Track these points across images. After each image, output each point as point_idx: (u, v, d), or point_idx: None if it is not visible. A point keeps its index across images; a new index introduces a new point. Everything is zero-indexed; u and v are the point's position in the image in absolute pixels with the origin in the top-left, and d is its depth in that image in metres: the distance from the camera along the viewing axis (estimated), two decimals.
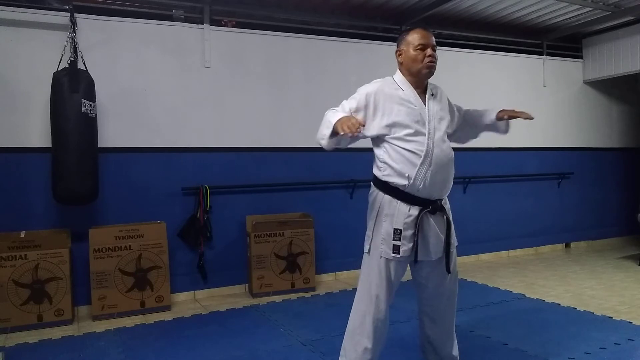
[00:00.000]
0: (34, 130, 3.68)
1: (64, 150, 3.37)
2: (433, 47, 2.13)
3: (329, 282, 4.65)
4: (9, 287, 3.39)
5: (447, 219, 2.19)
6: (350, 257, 4.67)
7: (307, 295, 4.20)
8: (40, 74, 3.61)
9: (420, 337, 2.46)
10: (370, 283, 2.16)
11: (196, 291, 4.22)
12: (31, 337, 3.28)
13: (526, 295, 4.00)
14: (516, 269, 5.05)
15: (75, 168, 3.39)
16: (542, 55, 5.92)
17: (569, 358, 2.72)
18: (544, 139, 5.87)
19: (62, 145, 3.37)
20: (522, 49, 5.82)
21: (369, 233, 2.19)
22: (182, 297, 4.14)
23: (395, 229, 2.11)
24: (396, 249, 2.10)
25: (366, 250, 2.20)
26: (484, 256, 5.57)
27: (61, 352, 2.99)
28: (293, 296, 4.15)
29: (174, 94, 4.13)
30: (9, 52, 3.63)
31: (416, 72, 2.14)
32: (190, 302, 4.08)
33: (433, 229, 2.15)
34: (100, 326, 3.48)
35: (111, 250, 3.66)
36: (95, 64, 3.72)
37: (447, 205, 2.24)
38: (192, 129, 4.20)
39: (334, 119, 2.02)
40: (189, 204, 4.16)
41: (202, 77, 4.23)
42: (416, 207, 2.11)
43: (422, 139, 2.08)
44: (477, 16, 5.15)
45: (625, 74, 5.76)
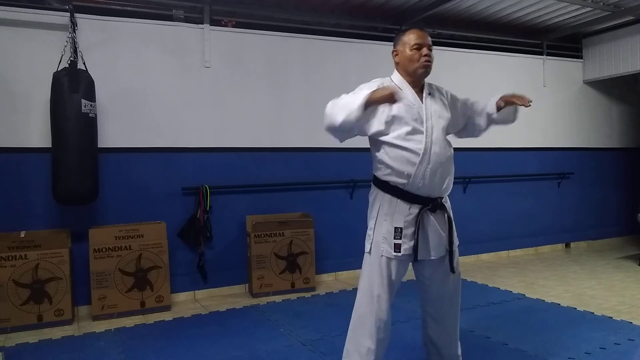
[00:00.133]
0: (34, 130, 3.68)
1: (64, 150, 3.37)
2: (429, 47, 2.14)
3: (329, 282, 4.65)
4: (9, 287, 3.39)
5: (448, 217, 2.20)
6: (350, 257, 4.67)
7: (307, 295, 4.20)
8: (40, 74, 3.61)
9: (423, 337, 2.46)
10: (372, 283, 2.15)
11: (196, 291, 4.22)
12: (31, 337, 3.28)
13: (526, 295, 4.00)
14: (516, 269, 5.05)
15: (75, 168, 3.39)
16: (542, 55, 5.92)
17: (569, 358, 2.72)
18: (544, 139, 5.87)
19: (62, 145, 3.37)
20: (522, 49, 5.82)
21: (369, 232, 2.19)
22: (182, 297, 4.14)
23: (395, 228, 2.11)
24: (397, 247, 2.10)
25: (367, 250, 2.19)
26: (484, 256, 5.57)
27: (61, 352, 2.99)
28: (293, 296, 4.15)
29: (174, 94, 4.13)
30: (9, 52, 3.64)
31: (412, 72, 2.15)
32: (190, 302, 4.08)
33: (434, 227, 2.15)
34: (100, 326, 3.48)
35: (111, 250, 3.66)
36: (95, 64, 3.72)
37: (448, 203, 2.24)
38: (192, 129, 4.20)
39: (357, 97, 1.95)
40: (189, 204, 4.16)
41: (202, 77, 4.23)
42: (416, 205, 2.11)
43: (420, 137, 2.09)
44: (477, 16, 5.15)
45: (625, 74, 5.77)
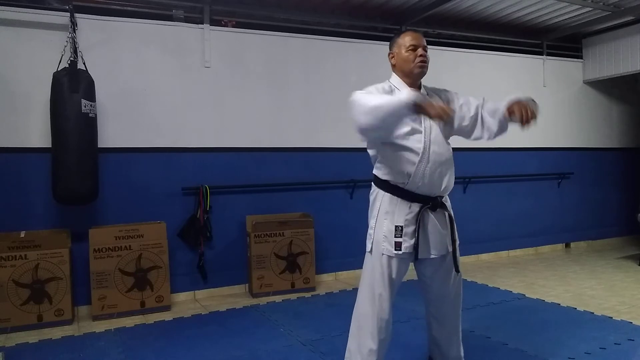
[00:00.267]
0: (34, 130, 3.68)
1: (64, 150, 3.37)
2: (424, 48, 2.17)
3: (329, 282, 4.65)
4: (9, 287, 3.39)
5: (449, 216, 2.21)
6: (350, 257, 4.67)
7: (307, 295, 4.20)
8: (40, 74, 3.61)
9: (428, 339, 2.48)
10: (373, 281, 2.16)
11: (196, 291, 4.22)
12: (31, 337, 3.28)
13: (526, 295, 4.00)
14: (516, 269, 5.05)
15: (75, 168, 3.39)
16: (542, 55, 5.92)
17: (569, 358, 2.72)
18: (544, 139, 5.87)
19: (62, 145, 3.38)
20: (522, 49, 5.82)
21: (370, 232, 2.20)
22: (182, 297, 4.14)
23: (396, 226, 2.12)
24: (398, 245, 2.11)
25: (368, 249, 2.20)
26: (484, 256, 5.56)
27: (61, 352, 2.99)
28: (293, 296, 4.15)
29: (174, 94, 4.13)
30: (9, 52, 3.64)
31: (409, 72, 2.18)
32: (190, 302, 4.08)
33: (434, 225, 2.16)
34: (100, 326, 3.48)
35: (111, 250, 3.66)
36: (95, 64, 3.72)
37: (448, 202, 2.25)
38: (192, 129, 4.20)
39: (402, 97, 1.84)
40: (189, 204, 4.16)
41: (202, 77, 4.23)
42: (417, 204, 2.12)
43: (419, 136, 2.10)
44: (477, 16, 5.15)
45: (625, 74, 5.76)
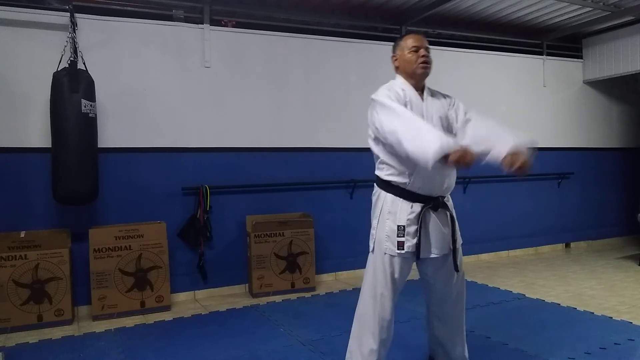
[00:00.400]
0: (34, 130, 3.68)
1: (64, 150, 3.37)
2: (426, 49, 2.21)
3: (329, 282, 4.65)
4: (9, 287, 3.39)
5: (451, 216, 2.23)
6: (350, 257, 4.67)
7: (307, 295, 4.20)
8: (40, 74, 3.60)
9: (429, 338, 2.48)
10: (375, 281, 2.17)
11: (196, 291, 4.22)
12: (31, 337, 3.28)
13: (526, 295, 4.00)
14: (516, 269, 5.05)
15: (75, 168, 3.39)
16: (542, 55, 5.92)
17: (569, 358, 2.72)
18: (544, 139, 5.86)
19: (62, 145, 3.37)
20: (522, 49, 5.82)
21: (373, 232, 2.22)
22: (182, 297, 4.14)
23: (398, 226, 2.13)
24: (400, 245, 2.13)
25: (371, 249, 2.22)
26: (484, 256, 5.56)
27: (61, 352, 2.99)
28: (293, 296, 4.15)
29: (174, 94, 4.13)
30: (9, 52, 3.63)
31: (412, 73, 2.20)
32: (190, 302, 4.08)
33: (436, 225, 2.17)
34: (100, 326, 3.48)
35: (111, 250, 3.66)
36: (95, 64, 3.72)
37: (450, 202, 2.27)
38: (192, 129, 4.20)
39: (441, 143, 1.86)
40: (189, 204, 4.16)
41: (202, 77, 4.23)
42: (418, 204, 2.14)
43: None
44: (477, 16, 5.14)
45: (625, 74, 5.76)
